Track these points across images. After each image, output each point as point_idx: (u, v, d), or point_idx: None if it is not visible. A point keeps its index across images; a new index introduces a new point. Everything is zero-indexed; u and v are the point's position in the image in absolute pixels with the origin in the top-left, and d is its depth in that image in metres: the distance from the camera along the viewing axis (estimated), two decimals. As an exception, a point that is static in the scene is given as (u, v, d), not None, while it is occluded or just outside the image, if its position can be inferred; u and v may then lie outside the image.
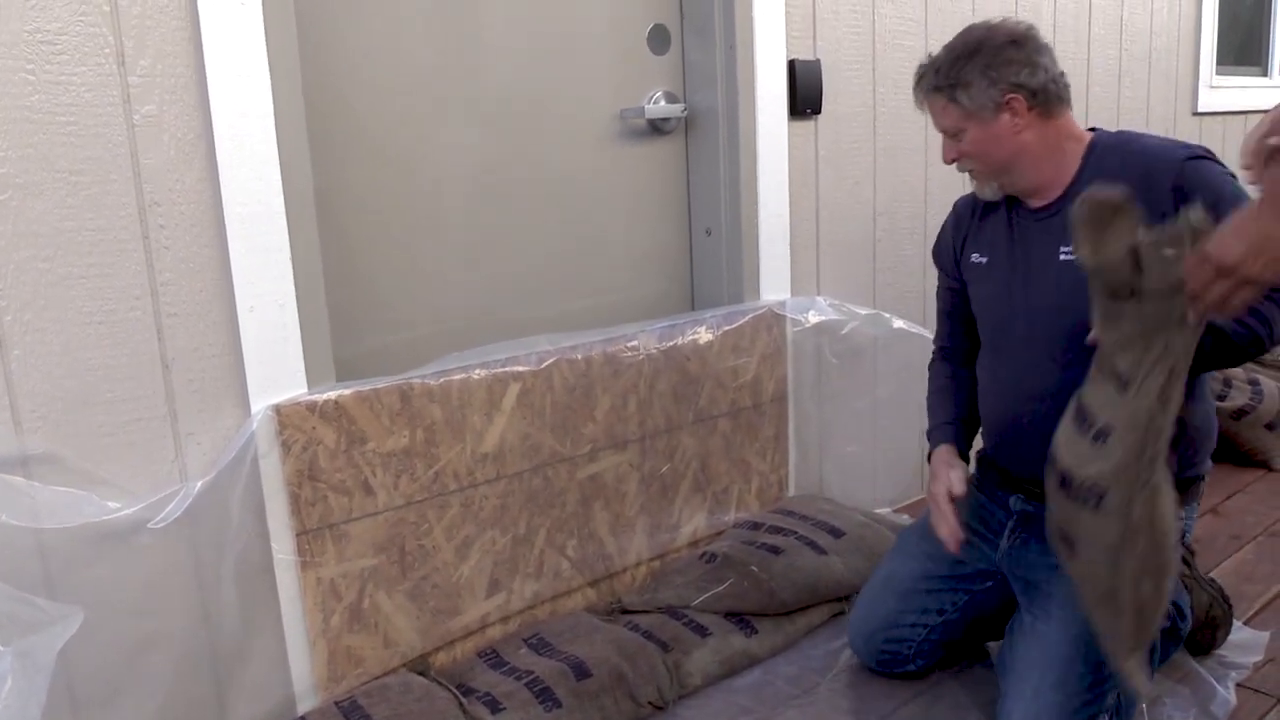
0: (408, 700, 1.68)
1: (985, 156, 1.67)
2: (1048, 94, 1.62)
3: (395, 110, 1.88)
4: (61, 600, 1.41)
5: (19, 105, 1.38)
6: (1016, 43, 1.61)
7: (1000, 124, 1.62)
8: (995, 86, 1.60)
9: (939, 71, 1.66)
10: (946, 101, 1.65)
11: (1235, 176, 1.57)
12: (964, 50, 1.63)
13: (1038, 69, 1.61)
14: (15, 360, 1.42)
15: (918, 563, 1.85)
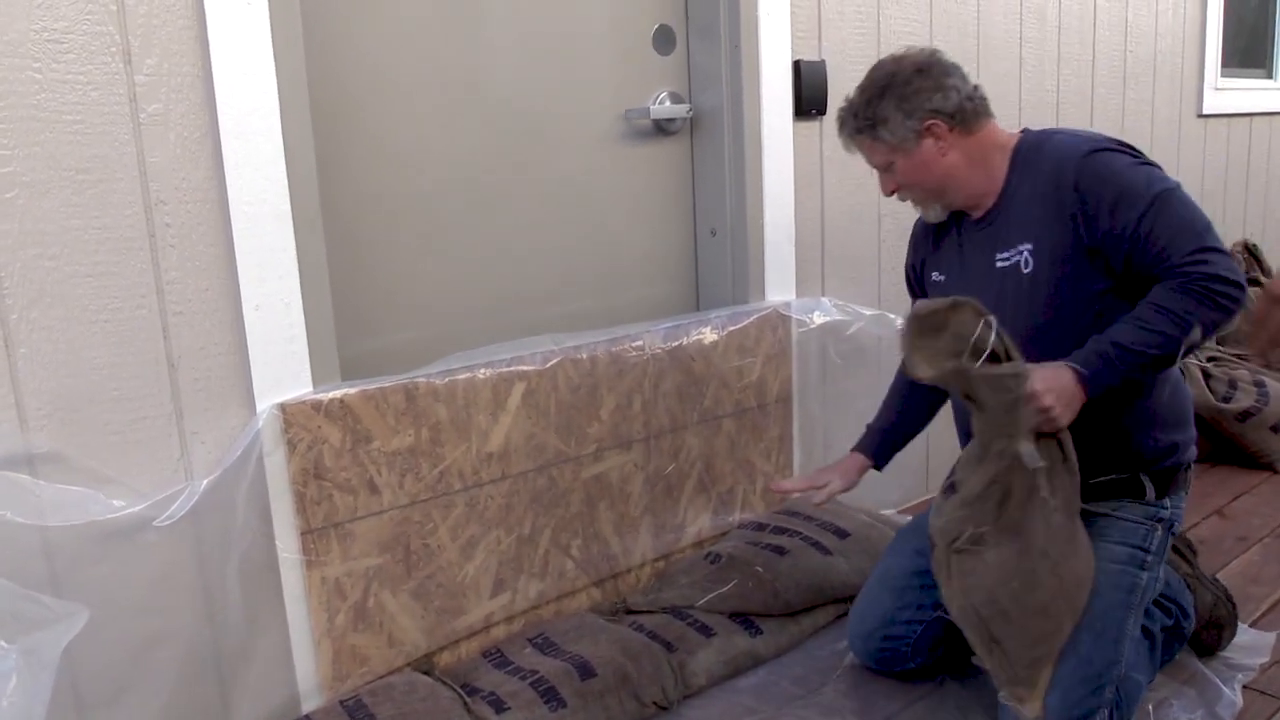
0: (412, 700, 1.68)
1: (919, 183, 1.72)
2: (964, 112, 1.67)
3: (400, 109, 1.88)
4: (67, 598, 1.41)
5: (26, 104, 1.39)
6: (922, 71, 1.67)
7: (925, 150, 1.67)
8: (912, 117, 1.66)
9: (857, 115, 1.72)
10: (871, 140, 1.71)
11: (1148, 161, 1.60)
12: (875, 89, 1.69)
13: (949, 91, 1.66)
14: (21, 358, 1.42)
15: (909, 559, 1.85)
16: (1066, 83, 3.13)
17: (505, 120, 2.03)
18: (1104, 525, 1.65)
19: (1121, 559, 1.62)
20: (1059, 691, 1.55)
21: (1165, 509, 1.67)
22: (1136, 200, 1.55)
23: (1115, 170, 1.58)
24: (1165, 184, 1.57)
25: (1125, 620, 1.59)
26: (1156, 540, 1.65)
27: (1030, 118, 3.00)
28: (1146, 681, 1.70)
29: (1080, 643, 1.56)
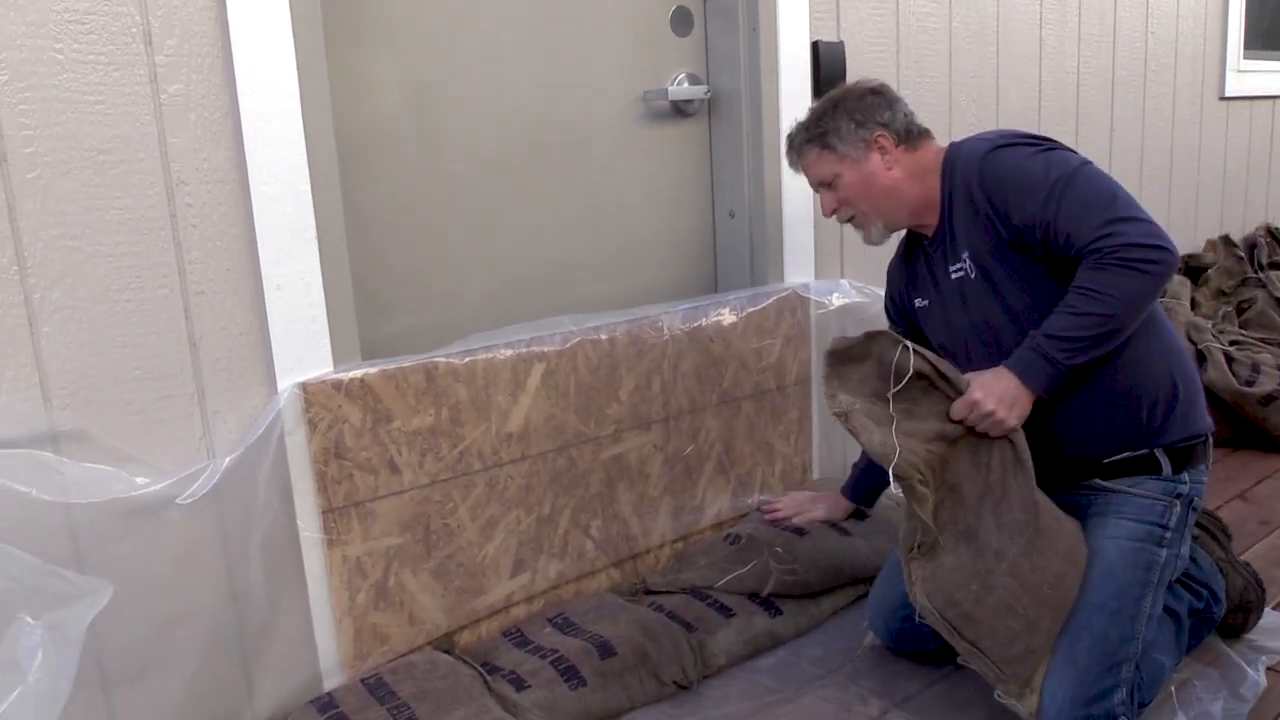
0: (433, 678, 1.69)
1: (863, 196, 1.74)
2: (910, 132, 1.73)
3: (418, 91, 1.89)
4: (91, 575, 1.42)
5: (47, 84, 1.39)
6: (875, 91, 1.75)
7: (872, 162, 1.72)
8: (863, 128, 1.71)
9: (807, 127, 1.78)
10: (820, 151, 1.75)
11: (1053, 146, 1.59)
12: (828, 105, 1.76)
13: (897, 112, 1.74)
14: (45, 338, 1.43)
15: None
16: (1086, 64, 3.10)
17: (524, 102, 2.03)
18: (1120, 502, 1.63)
19: (1139, 536, 1.60)
20: (1075, 671, 1.55)
21: (1184, 483, 1.65)
22: (1036, 190, 1.56)
23: (1012, 165, 1.59)
24: (1065, 167, 1.55)
25: (1143, 599, 1.58)
26: (1175, 516, 1.63)
27: (1050, 99, 2.98)
28: (1172, 664, 1.69)
29: (1095, 623, 1.56)
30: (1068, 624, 1.58)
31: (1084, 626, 1.56)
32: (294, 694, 1.71)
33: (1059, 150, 1.59)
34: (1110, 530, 1.61)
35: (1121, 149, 3.27)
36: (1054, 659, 1.58)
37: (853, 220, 1.79)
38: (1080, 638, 1.56)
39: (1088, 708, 1.54)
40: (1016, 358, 1.56)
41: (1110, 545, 1.60)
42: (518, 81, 2.02)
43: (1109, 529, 1.61)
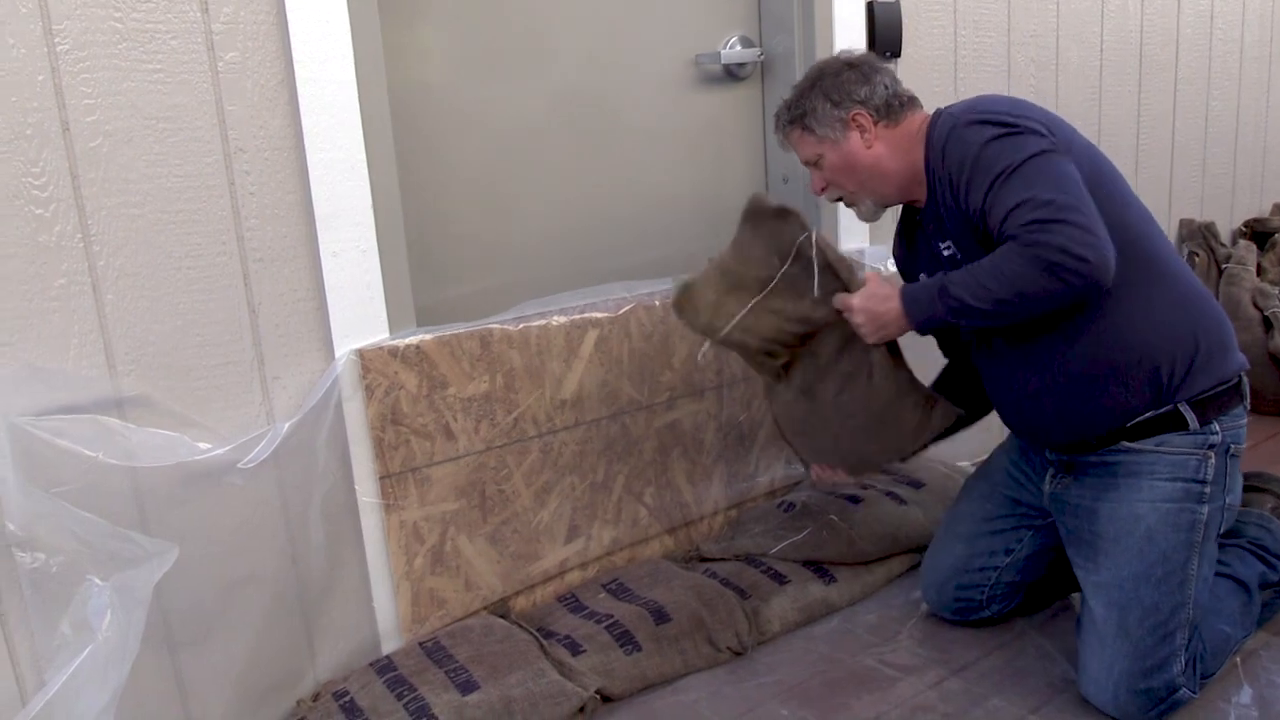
0: (490, 642, 1.71)
1: (848, 176, 1.72)
2: (890, 107, 1.69)
3: (472, 59, 1.88)
4: (157, 538, 1.45)
5: (107, 53, 1.41)
6: (852, 65, 1.71)
7: (851, 142, 1.69)
8: (839, 107, 1.68)
9: (789, 107, 1.74)
10: (801, 132, 1.73)
11: (1020, 129, 1.49)
12: (807, 83, 1.73)
13: (875, 85, 1.69)
14: (109, 305, 1.45)
15: (976, 504, 1.84)
16: (1150, 21, 3.01)
17: (576, 68, 2.01)
18: (1151, 462, 1.57)
19: (1175, 496, 1.55)
20: (1129, 644, 1.53)
21: (1215, 433, 1.56)
22: (986, 175, 1.49)
23: (971, 145, 1.52)
24: (1016, 156, 1.46)
25: (1189, 561, 1.54)
26: (1212, 468, 1.55)
27: (1111, 59, 2.90)
28: (1240, 635, 1.65)
29: (1143, 593, 1.53)
30: (1115, 595, 1.55)
31: (1132, 598, 1.54)
32: (354, 656, 1.74)
33: (1021, 135, 1.49)
34: (1145, 493, 1.56)
35: (1185, 109, 3.18)
36: (1102, 633, 1.56)
37: (842, 199, 1.77)
38: (1130, 610, 1.53)
39: (1146, 679, 1.52)
40: (912, 288, 1.59)
41: (1147, 509, 1.55)
42: (569, 46, 2.00)
43: (1144, 492, 1.56)
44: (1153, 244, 1.59)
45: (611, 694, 1.67)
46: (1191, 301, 1.58)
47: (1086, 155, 1.56)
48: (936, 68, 2.45)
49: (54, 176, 1.38)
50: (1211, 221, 3.27)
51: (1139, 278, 1.54)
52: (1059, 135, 1.53)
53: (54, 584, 1.39)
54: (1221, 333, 1.59)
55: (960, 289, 1.49)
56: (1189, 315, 1.57)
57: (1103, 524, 1.59)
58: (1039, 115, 1.55)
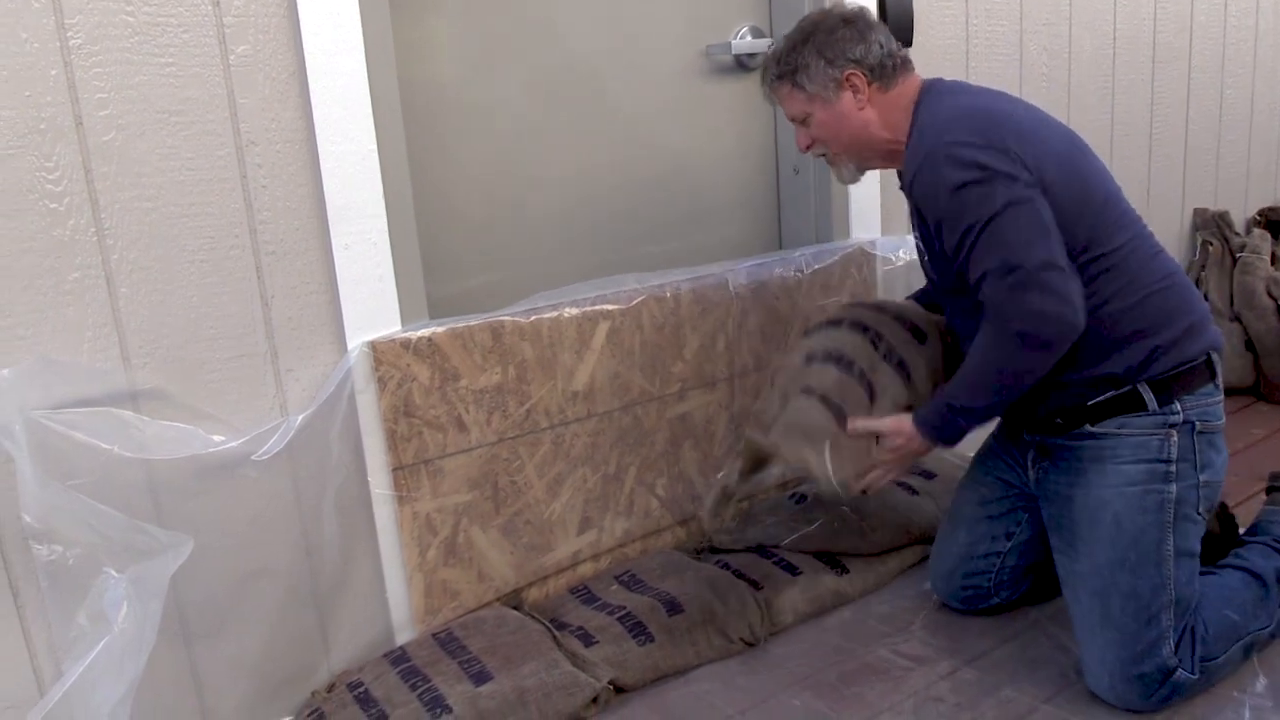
0: (502, 633, 1.71)
1: (835, 137, 1.69)
2: (884, 68, 1.65)
3: (481, 51, 1.88)
4: (171, 530, 1.45)
5: (120, 47, 1.41)
6: (848, 21, 1.66)
7: (844, 102, 1.65)
8: (834, 66, 1.64)
9: (779, 60, 1.69)
10: (791, 88, 1.68)
11: (983, 177, 1.48)
12: (799, 37, 1.67)
13: (871, 44, 1.64)
14: (123, 298, 1.45)
15: (973, 491, 1.85)
16: (1164, 8, 2.99)
17: (586, 59, 2.01)
18: (1114, 445, 1.56)
19: (1139, 479, 1.54)
20: (1115, 632, 1.53)
21: (1175, 413, 1.54)
22: (956, 227, 1.52)
23: (940, 187, 1.51)
24: (987, 210, 1.47)
25: (1162, 542, 1.53)
26: (1175, 446, 1.54)
27: (1124, 47, 2.88)
28: (1257, 628, 1.63)
29: (1119, 579, 1.53)
30: (1094, 584, 1.56)
31: (1110, 585, 1.54)
32: (368, 647, 1.74)
33: (991, 184, 1.47)
34: (1110, 478, 1.56)
35: (1199, 98, 3.16)
36: (1089, 623, 1.56)
37: (825, 157, 1.75)
38: (1110, 597, 1.54)
39: (1138, 665, 1.52)
40: (924, 415, 1.62)
41: (1113, 495, 1.55)
42: (579, 37, 2.00)
43: (1108, 477, 1.56)
44: (1130, 247, 1.57)
45: (624, 685, 1.68)
46: (1153, 284, 1.57)
47: (1063, 169, 1.53)
48: (949, 56, 2.44)
49: (68, 171, 1.39)
50: (1226, 210, 3.25)
51: (1113, 278, 1.55)
52: (1032, 161, 1.50)
53: (70, 576, 1.40)
54: (1190, 310, 1.58)
55: (963, 398, 1.57)
56: (1147, 300, 1.56)
57: (1076, 512, 1.60)
58: (1013, 141, 1.50)
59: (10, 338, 1.38)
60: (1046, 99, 2.68)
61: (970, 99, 1.62)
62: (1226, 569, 1.69)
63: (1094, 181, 1.57)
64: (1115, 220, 1.57)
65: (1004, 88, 2.58)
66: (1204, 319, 1.60)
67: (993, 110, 1.58)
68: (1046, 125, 1.60)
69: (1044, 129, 1.58)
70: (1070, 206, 1.51)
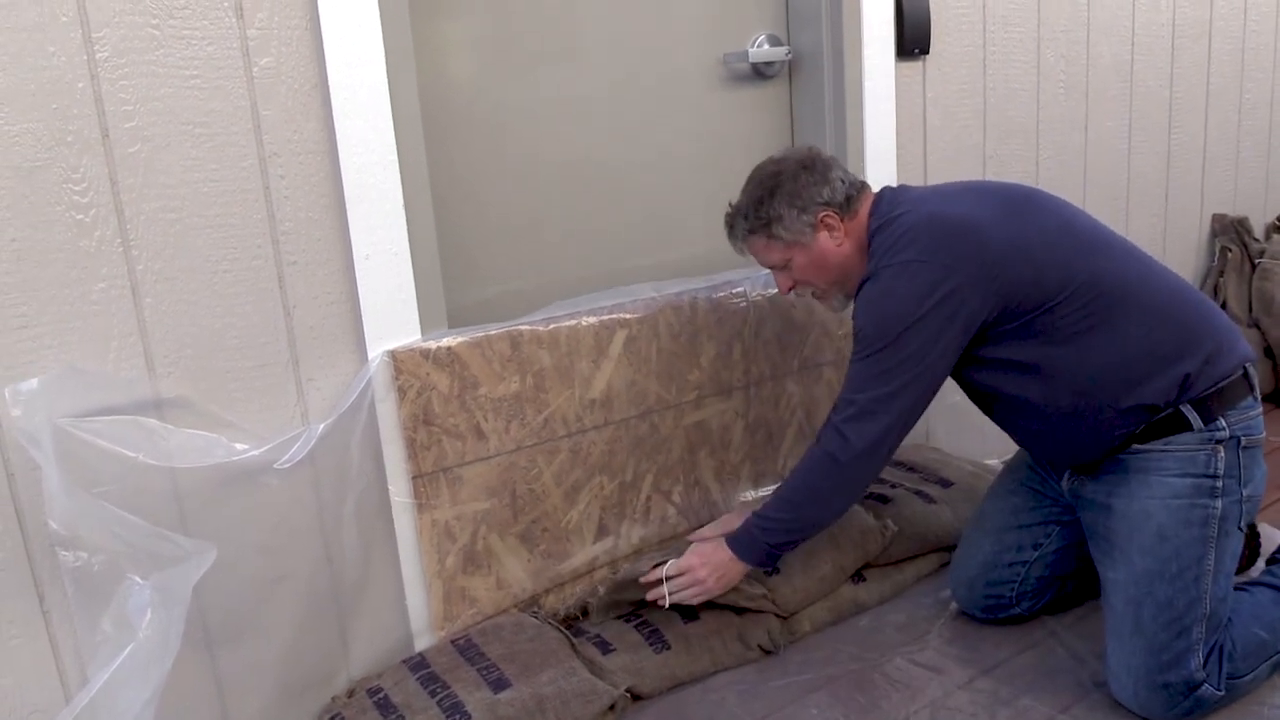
0: (520, 639, 1.72)
1: (819, 276, 1.75)
2: (849, 200, 1.71)
3: (499, 62, 1.89)
4: (195, 538, 1.47)
5: (145, 60, 1.43)
6: (807, 167, 1.71)
7: (821, 243, 1.71)
8: (806, 212, 1.69)
9: (747, 216, 1.74)
10: (766, 240, 1.74)
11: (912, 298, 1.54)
12: (762, 191, 1.72)
13: (834, 182, 1.70)
14: (148, 308, 1.47)
15: (1003, 500, 1.86)
16: (1183, 13, 2.98)
17: (604, 68, 2.02)
18: (1160, 459, 1.57)
19: (1185, 492, 1.54)
20: (1143, 639, 1.53)
21: (1221, 429, 1.55)
22: (860, 343, 1.61)
23: (866, 305, 1.61)
24: (885, 338, 1.56)
25: (1204, 557, 1.53)
26: (1222, 462, 1.55)
27: (1142, 54, 2.87)
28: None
29: (1157, 589, 1.53)
30: (1131, 592, 1.56)
31: (1146, 594, 1.54)
32: (387, 654, 1.76)
33: (891, 349, 1.56)
34: (1155, 490, 1.56)
35: (1218, 103, 3.15)
36: (1120, 629, 1.56)
37: (813, 294, 1.80)
38: (1143, 605, 1.54)
39: (1164, 674, 1.52)
40: (734, 538, 1.72)
41: (1157, 506, 1.55)
42: (597, 47, 2.01)
43: (1153, 488, 1.56)
44: (1109, 274, 1.58)
45: (641, 692, 1.69)
46: (1169, 311, 1.58)
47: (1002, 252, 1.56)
48: (965, 64, 2.44)
49: (94, 182, 1.41)
50: (1245, 216, 3.23)
51: (1097, 312, 1.56)
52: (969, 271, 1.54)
53: (96, 582, 1.42)
54: (1219, 328, 1.59)
55: (773, 518, 1.68)
56: (1175, 333, 1.57)
57: (1116, 521, 1.60)
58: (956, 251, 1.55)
59: (38, 347, 1.40)
60: (1064, 106, 2.68)
61: (911, 210, 1.65)
62: (1258, 587, 1.69)
63: (1081, 238, 1.61)
64: (1082, 259, 1.58)
65: (1020, 93, 2.59)
66: (1228, 332, 1.60)
67: (932, 219, 1.61)
68: (984, 201, 1.63)
69: (982, 211, 1.60)
70: (1016, 272, 1.55)
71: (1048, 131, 2.65)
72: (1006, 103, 2.55)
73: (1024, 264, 1.56)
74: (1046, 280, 1.55)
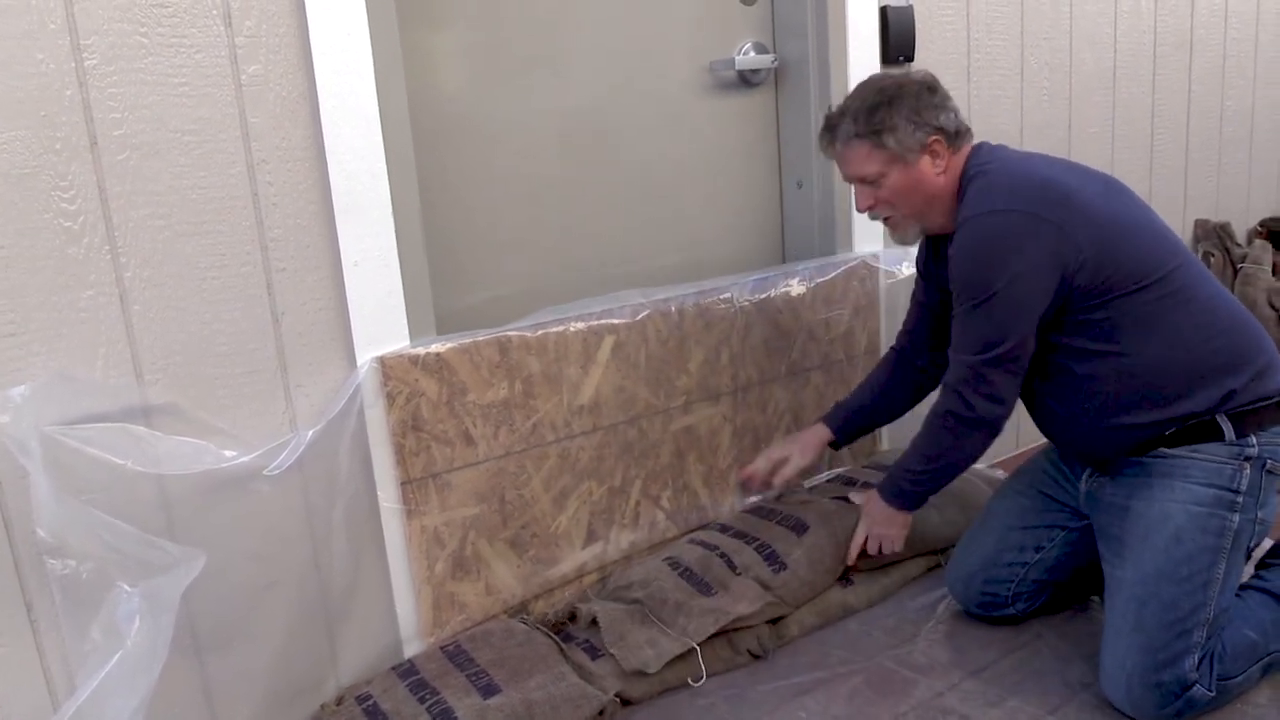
0: (510, 645, 1.72)
1: (906, 200, 1.71)
2: (959, 133, 1.70)
3: (487, 67, 1.90)
4: (184, 545, 1.46)
5: (134, 68, 1.43)
6: (932, 89, 1.69)
7: (923, 166, 1.68)
8: (920, 129, 1.66)
9: (858, 119, 1.69)
10: (871, 148, 1.69)
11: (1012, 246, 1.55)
12: (883, 97, 1.68)
13: (950, 112, 1.70)
14: (136, 314, 1.47)
15: (1011, 500, 1.87)
16: (1163, 21, 3.01)
17: (591, 76, 2.03)
18: (1187, 465, 1.58)
19: (1206, 501, 1.56)
20: (1143, 637, 1.54)
21: (1251, 446, 1.57)
22: (963, 294, 1.62)
23: (967, 253, 1.61)
24: (993, 287, 1.57)
25: (1214, 565, 1.55)
26: (1246, 479, 1.56)
27: (1125, 61, 2.90)
28: (1276, 649, 1.62)
29: (1163, 590, 1.54)
30: (1136, 590, 1.57)
31: (1152, 593, 1.55)
32: (376, 661, 1.76)
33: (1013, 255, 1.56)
34: (1177, 494, 1.57)
35: (1199, 110, 3.18)
36: (1119, 627, 1.57)
37: (888, 220, 1.77)
38: (1147, 604, 1.55)
39: (1158, 673, 1.53)
40: (884, 487, 1.84)
41: (1177, 510, 1.56)
42: (584, 55, 2.02)
43: (1176, 492, 1.58)
44: (1184, 274, 1.60)
45: (631, 697, 1.69)
46: (1228, 324, 1.61)
47: (1103, 217, 1.58)
48: (950, 71, 2.46)
49: (82, 190, 1.41)
50: (1227, 222, 3.27)
51: (1168, 307, 1.58)
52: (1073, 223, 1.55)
53: (84, 590, 1.41)
54: (1266, 359, 1.62)
55: (912, 467, 1.77)
56: (1225, 338, 1.59)
57: (1132, 521, 1.61)
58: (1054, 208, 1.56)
59: (26, 354, 1.39)
60: (1048, 112, 2.70)
61: (1014, 165, 1.66)
62: (1248, 590, 1.70)
63: (1142, 229, 1.62)
64: (1168, 253, 1.60)
65: (1004, 99, 2.61)
66: (1275, 358, 1.63)
67: (1048, 176, 1.61)
68: (1086, 177, 1.65)
69: (1085, 184, 1.62)
70: (1114, 246, 1.56)
71: (1032, 138, 2.67)
72: (991, 109, 2.57)
73: (1121, 240, 1.57)
74: (1137, 262, 1.57)
